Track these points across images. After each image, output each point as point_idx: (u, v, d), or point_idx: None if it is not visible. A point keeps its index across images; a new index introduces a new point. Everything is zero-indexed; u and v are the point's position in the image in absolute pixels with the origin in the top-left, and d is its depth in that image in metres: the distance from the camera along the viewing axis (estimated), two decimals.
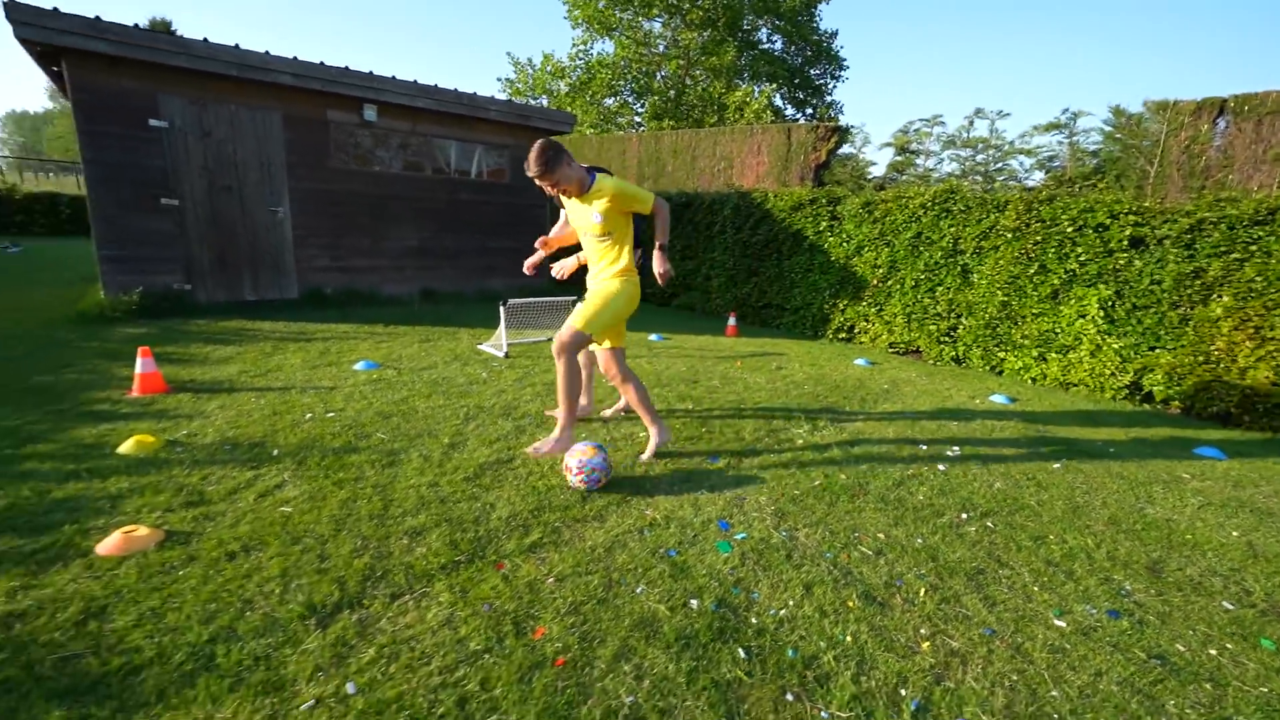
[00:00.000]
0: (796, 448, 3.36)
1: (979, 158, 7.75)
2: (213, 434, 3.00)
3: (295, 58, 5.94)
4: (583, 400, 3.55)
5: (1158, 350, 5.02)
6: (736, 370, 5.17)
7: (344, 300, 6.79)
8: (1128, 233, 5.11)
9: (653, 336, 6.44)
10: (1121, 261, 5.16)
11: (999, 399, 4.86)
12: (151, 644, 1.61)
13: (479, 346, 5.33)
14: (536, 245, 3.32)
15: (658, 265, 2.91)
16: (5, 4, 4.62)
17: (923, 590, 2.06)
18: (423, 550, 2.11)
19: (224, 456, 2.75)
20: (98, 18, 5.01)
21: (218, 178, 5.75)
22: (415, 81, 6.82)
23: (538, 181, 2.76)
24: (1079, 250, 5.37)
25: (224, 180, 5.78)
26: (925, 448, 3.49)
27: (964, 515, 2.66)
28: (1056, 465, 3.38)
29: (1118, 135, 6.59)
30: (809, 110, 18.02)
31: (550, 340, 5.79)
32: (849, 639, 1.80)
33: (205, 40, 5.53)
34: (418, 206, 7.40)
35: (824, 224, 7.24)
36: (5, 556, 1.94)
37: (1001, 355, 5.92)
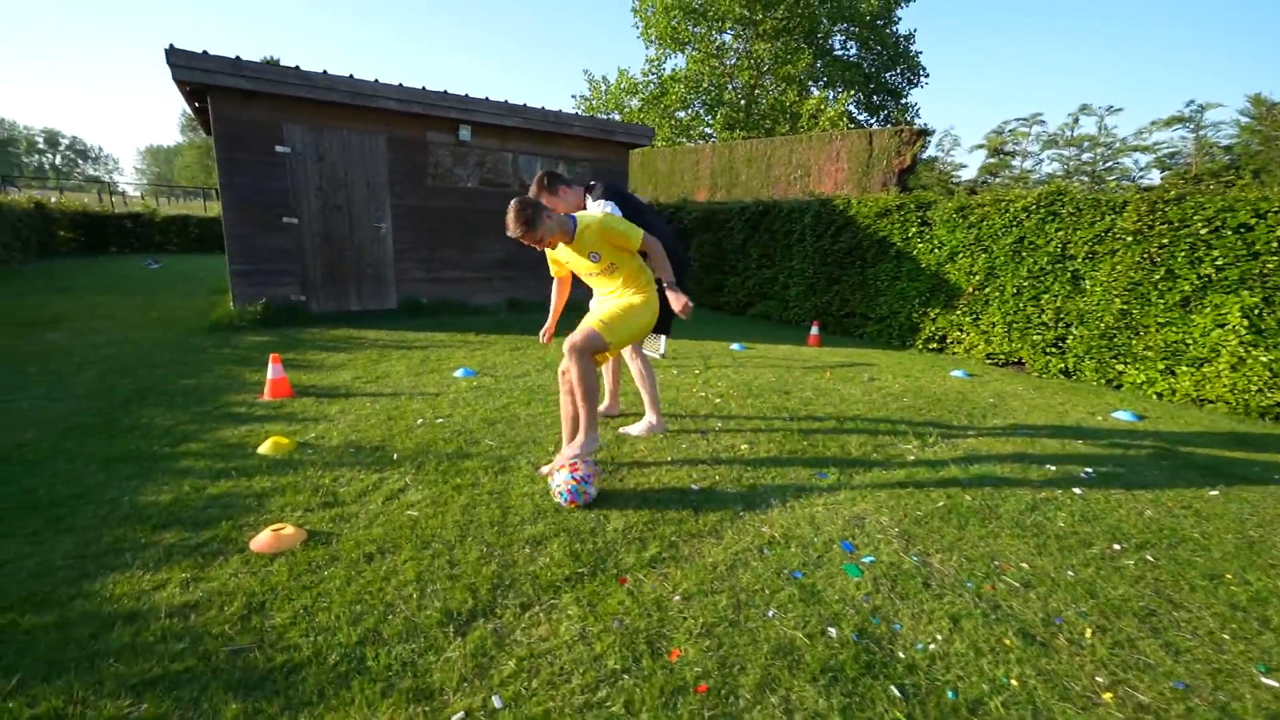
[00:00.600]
0: (908, 464, 3.17)
1: (1085, 156, 7.18)
2: (338, 437, 3.18)
3: (400, 84, 6.32)
4: (607, 402, 3.71)
5: None
6: (827, 380, 4.98)
7: (437, 310, 7.11)
8: (1278, 233, 4.56)
9: (734, 346, 6.33)
10: (1270, 265, 4.60)
11: (1124, 415, 4.43)
12: (308, 643, 1.68)
13: None
14: (545, 331, 3.35)
15: (674, 303, 2.76)
16: (166, 50, 5.19)
17: (1088, 631, 1.87)
18: (545, 560, 2.12)
19: (350, 459, 2.90)
20: (238, 58, 5.54)
21: (330, 198, 6.19)
22: (506, 102, 7.09)
23: (524, 241, 2.61)
24: (1215, 253, 4.84)
25: (335, 200, 6.22)
26: (1053, 468, 3.21)
27: (1116, 546, 2.41)
28: (1214, 492, 3.02)
29: (1257, 127, 5.91)
30: (884, 115, 17.41)
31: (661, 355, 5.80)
32: (1014, 682, 1.64)
33: (324, 72, 5.98)
34: (503, 220, 7.65)
35: (913, 230, 6.91)
36: (176, 549, 2.10)
37: (1120, 368, 5.41)
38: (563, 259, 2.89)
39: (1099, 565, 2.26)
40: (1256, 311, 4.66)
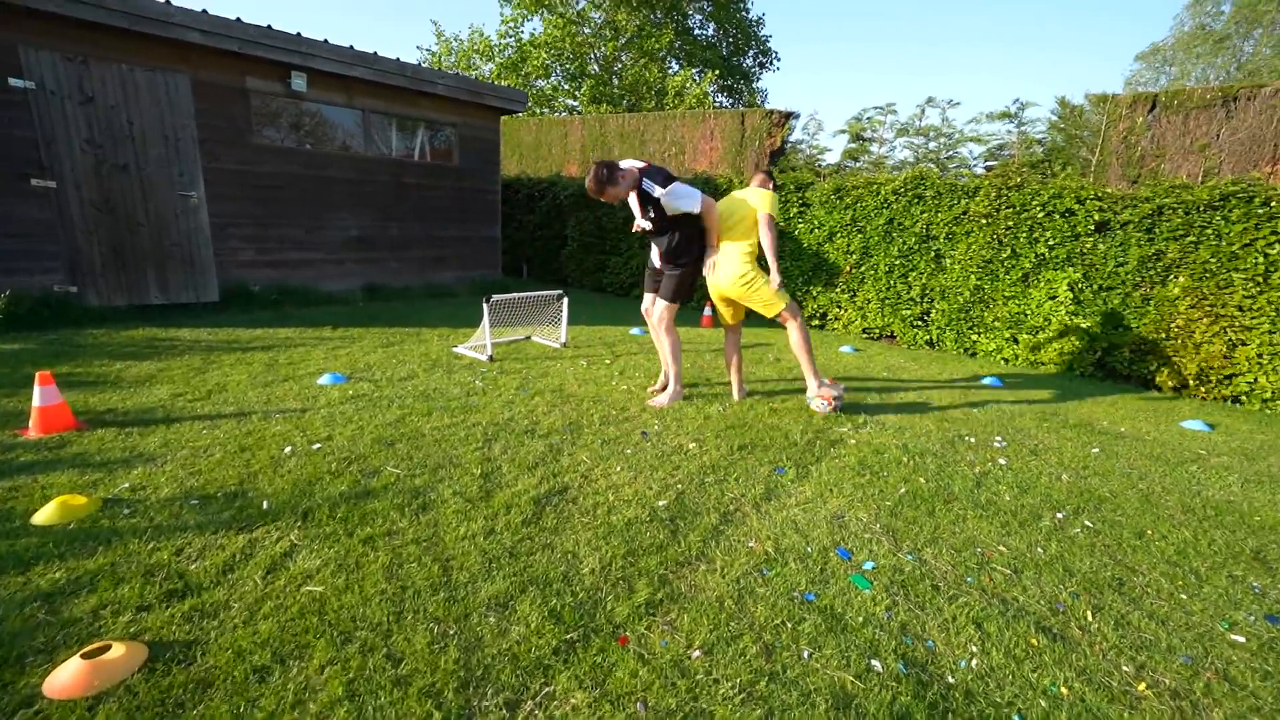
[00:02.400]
0: (850, 448, 3.14)
1: (931, 145, 8.02)
2: (168, 484, 2.30)
3: (205, 11, 4.91)
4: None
5: (1121, 329, 5.32)
6: None
7: (275, 299, 5.82)
8: (1094, 217, 5.35)
9: (634, 330, 6.04)
10: (1088, 245, 5.40)
11: (990, 381, 4.94)
12: None
13: (456, 350, 4.70)
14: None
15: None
16: None
17: (1089, 613, 1.88)
18: (520, 630, 1.64)
19: (195, 516, 2.09)
20: None
21: (109, 153, 4.61)
22: (351, 48, 5.90)
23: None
24: (1048, 234, 5.57)
25: (117, 157, 4.65)
26: (971, 439, 3.39)
27: (1060, 516, 2.54)
28: (1095, 450, 3.39)
29: (1062, 125, 6.98)
30: (738, 99, 18.11)
31: (529, 339, 5.25)
32: (1063, 690, 1.56)
33: None
34: (357, 191, 6.49)
35: (794, 210, 7.13)
36: None
37: (974, 337, 6.08)
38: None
39: (1058, 538, 2.34)
40: (1079, 285, 5.46)
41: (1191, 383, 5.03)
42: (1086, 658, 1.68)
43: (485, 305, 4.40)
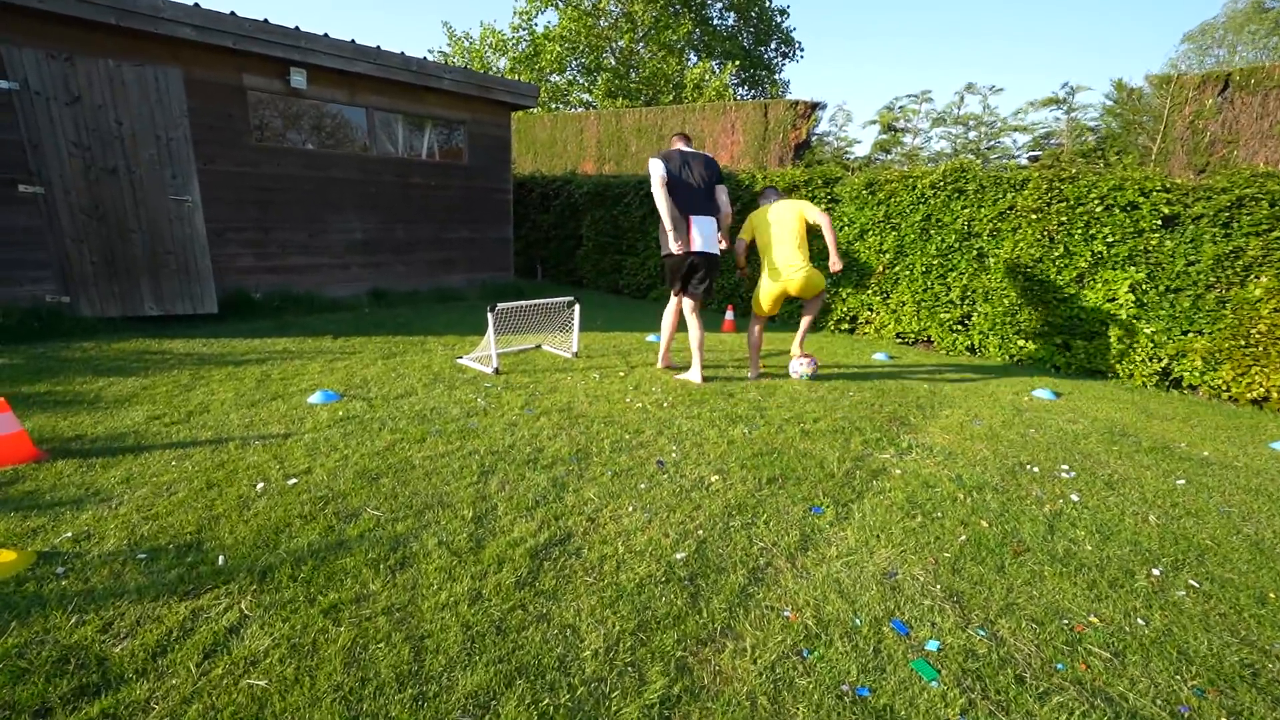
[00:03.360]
0: (896, 480, 2.75)
1: (971, 135, 7.47)
2: (116, 534, 2.02)
3: (197, 4, 4.67)
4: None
5: (1191, 334, 4.80)
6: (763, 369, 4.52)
7: (278, 306, 5.61)
8: (1162, 211, 4.83)
9: (650, 337, 5.69)
10: (1153, 242, 4.88)
11: (1044, 394, 4.48)
12: None
13: (459, 361, 4.41)
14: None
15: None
16: None
17: None
18: None
19: (138, 577, 1.80)
20: None
21: (97, 156, 4.40)
22: (352, 42, 5.64)
23: None
24: (1106, 230, 5.06)
25: (106, 160, 4.43)
26: (1035, 469, 2.97)
27: (1156, 572, 2.13)
28: (1181, 481, 2.95)
29: (1119, 111, 6.41)
30: (760, 91, 17.57)
31: (539, 348, 4.93)
32: None
33: None
34: (362, 192, 6.25)
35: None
36: None
37: (1021, 343, 5.59)
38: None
39: (1159, 605, 1.93)
40: (1142, 287, 4.94)
41: (1275, 395, 4.50)
42: None
43: (490, 315, 4.09)
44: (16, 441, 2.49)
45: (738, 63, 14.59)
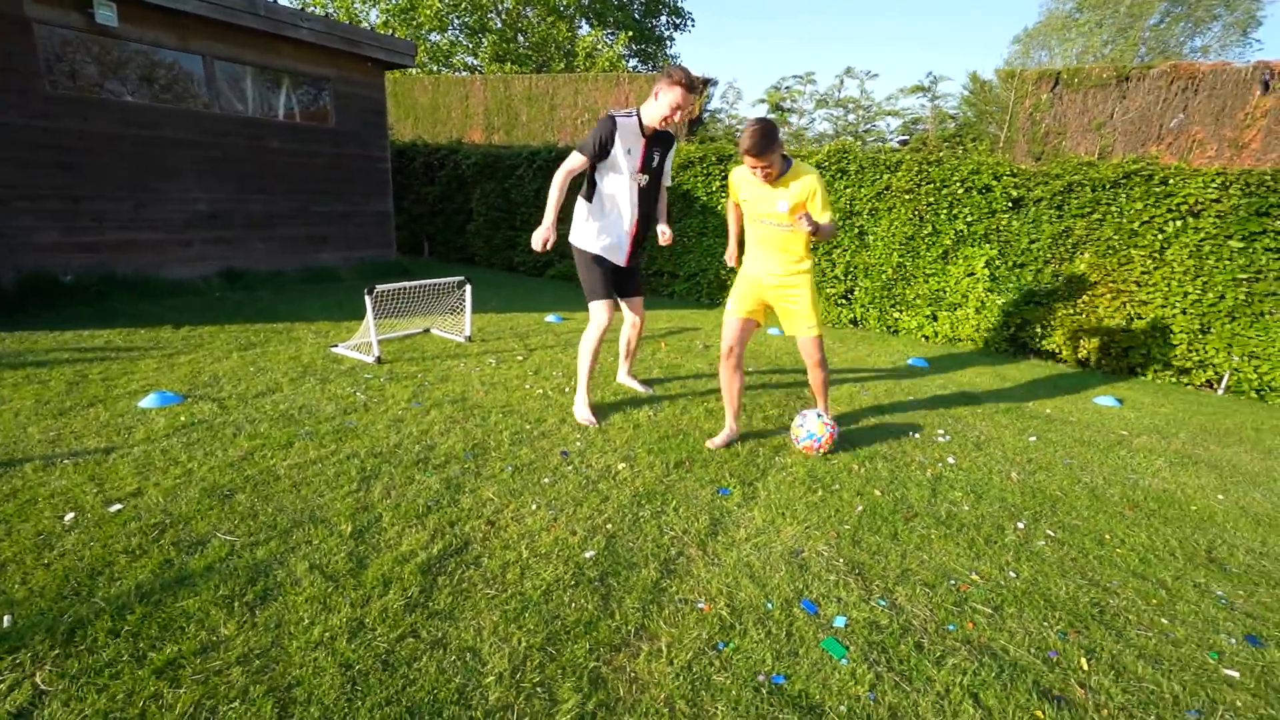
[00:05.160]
0: (797, 455, 2.82)
1: (850, 118, 7.88)
2: None
3: None
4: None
5: (1033, 305, 5.43)
6: (665, 354, 4.51)
7: (98, 291, 4.68)
8: (1010, 194, 5.37)
9: (550, 318, 5.48)
10: (1004, 222, 5.43)
11: (918, 362, 4.87)
12: None
13: (334, 350, 3.94)
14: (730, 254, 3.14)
15: (807, 222, 2.42)
16: None
17: (1084, 661, 1.64)
18: None
19: None
20: None
21: None
22: None
23: (753, 165, 2.47)
24: (967, 211, 5.55)
25: None
26: (916, 435, 3.20)
27: (1020, 525, 2.35)
28: (1033, 438, 3.31)
29: (974, 101, 7.04)
30: (651, 65, 17.42)
31: (428, 331, 4.56)
32: None
33: None
34: (204, 156, 5.35)
35: (716, 184, 6.75)
36: None
37: (897, 316, 6.05)
38: (746, 195, 2.69)
39: (1026, 556, 2.13)
40: (995, 263, 5.50)
41: (1094, 356, 5.23)
42: None
43: (368, 297, 3.68)
44: None
45: (630, 34, 14.31)
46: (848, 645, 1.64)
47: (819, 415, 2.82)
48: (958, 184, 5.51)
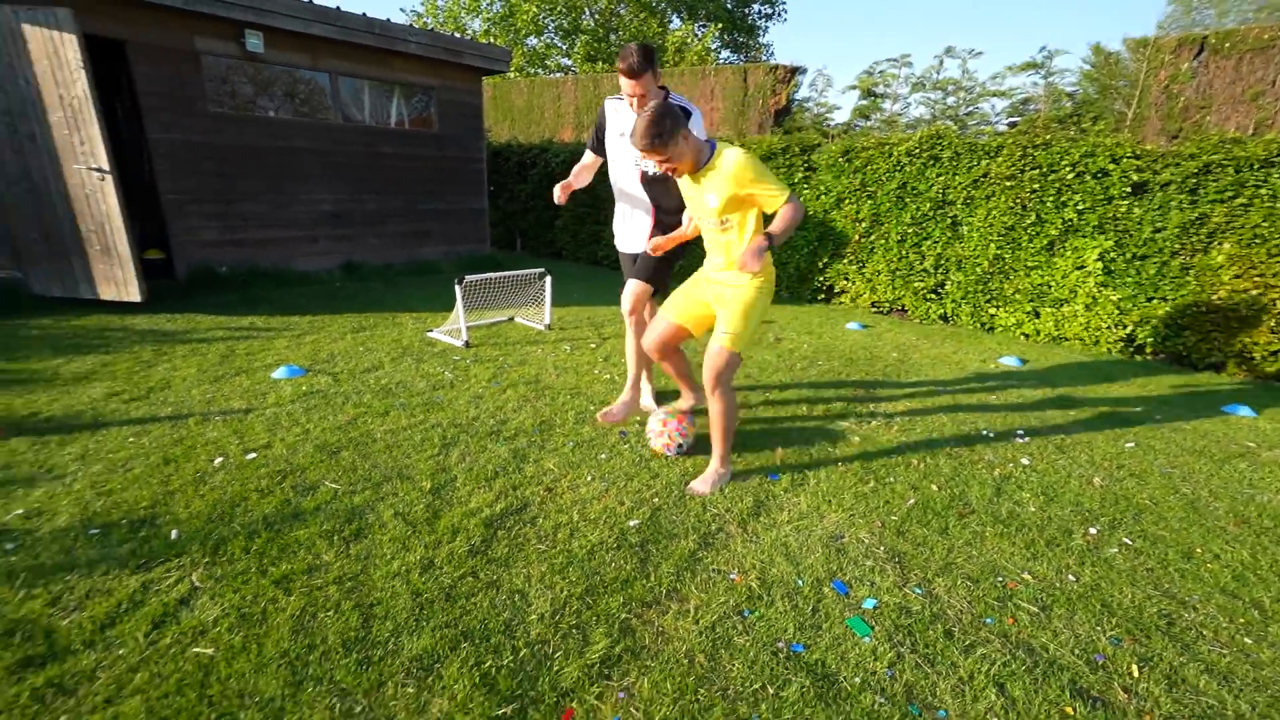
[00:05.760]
0: (854, 448, 2.81)
1: (949, 100, 7.38)
2: (68, 510, 2.02)
3: None
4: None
5: (1155, 301, 4.88)
6: None
7: (245, 281, 5.51)
8: (1131, 178, 4.85)
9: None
10: (1122, 209, 4.91)
11: (1010, 361, 4.56)
12: None
13: (429, 335, 4.38)
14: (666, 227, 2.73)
15: (751, 259, 2.04)
16: None
17: (1134, 668, 1.56)
18: (443, 704, 1.36)
19: (88, 551, 1.81)
20: None
21: (18, 121, 4.08)
22: (310, 2, 5.41)
23: (644, 155, 2.10)
24: (1078, 198, 5.08)
25: (23, 125, 4.13)
26: (989, 434, 3.05)
27: (1093, 531, 2.21)
28: (1130, 445, 3.04)
29: (1096, 75, 6.37)
30: (745, 55, 17.17)
31: (512, 320, 4.91)
32: None
33: None
34: (329, 162, 6.08)
35: (799, 175, 6.63)
36: None
37: (993, 312, 5.66)
38: (684, 191, 2.33)
39: (1091, 561, 2.02)
40: (1110, 255, 4.99)
41: (1231, 362, 4.62)
42: None
43: (458, 287, 4.05)
44: None
45: (721, 25, 14.19)
46: (873, 625, 1.67)
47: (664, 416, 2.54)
48: (1067, 169, 5.06)
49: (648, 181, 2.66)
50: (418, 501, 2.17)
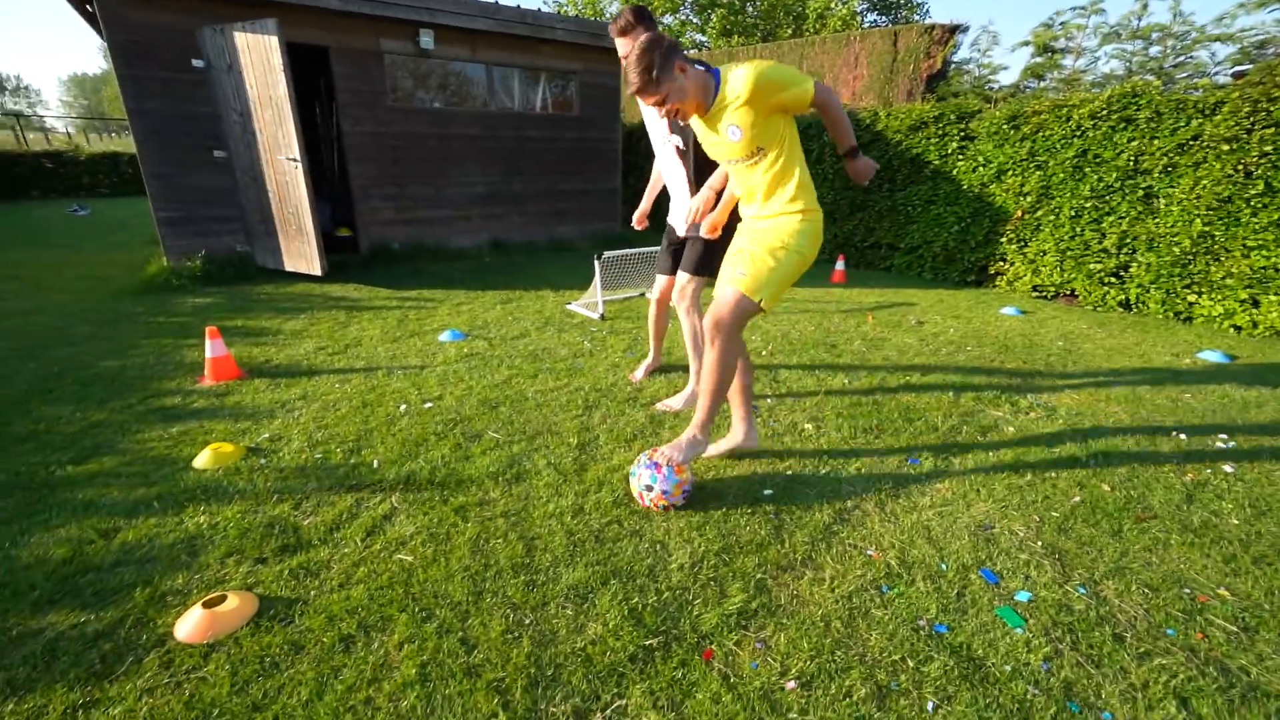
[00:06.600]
0: (1009, 439, 2.60)
1: (1153, 51, 6.22)
2: (299, 437, 2.50)
3: None
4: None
5: None
6: (872, 327, 4.35)
7: (412, 256, 6.24)
8: None
9: None
10: None
11: (1213, 356, 3.89)
12: None
13: (569, 307, 4.69)
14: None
15: (861, 171, 1.92)
16: None
17: None
18: (597, 628, 1.52)
19: (316, 471, 2.24)
20: None
21: (246, 121, 4.97)
22: (474, 0, 5.90)
23: (642, 100, 1.80)
24: None
25: (249, 124, 4.98)
26: (1183, 436, 2.66)
27: None
28: None
29: None
30: (894, 16, 15.79)
31: (644, 295, 5.08)
32: None
33: None
34: (482, 146, 6.65)
35: (953, 145, 6.07)
36: (61, 649, 1.46)
37: (1192, 299, 4.83)
38: (701, 139, 1.97)
39: None
40: None
41: None
42: None
43: (596, 262, 4.29)
44: (226, 363, 3.10)
45: None
46: (1027, 618, 1.58)
47: (649, 465, 2.00)
48: None
49: (683, 156, 2.46)
50: (566, 455, 2.39)
